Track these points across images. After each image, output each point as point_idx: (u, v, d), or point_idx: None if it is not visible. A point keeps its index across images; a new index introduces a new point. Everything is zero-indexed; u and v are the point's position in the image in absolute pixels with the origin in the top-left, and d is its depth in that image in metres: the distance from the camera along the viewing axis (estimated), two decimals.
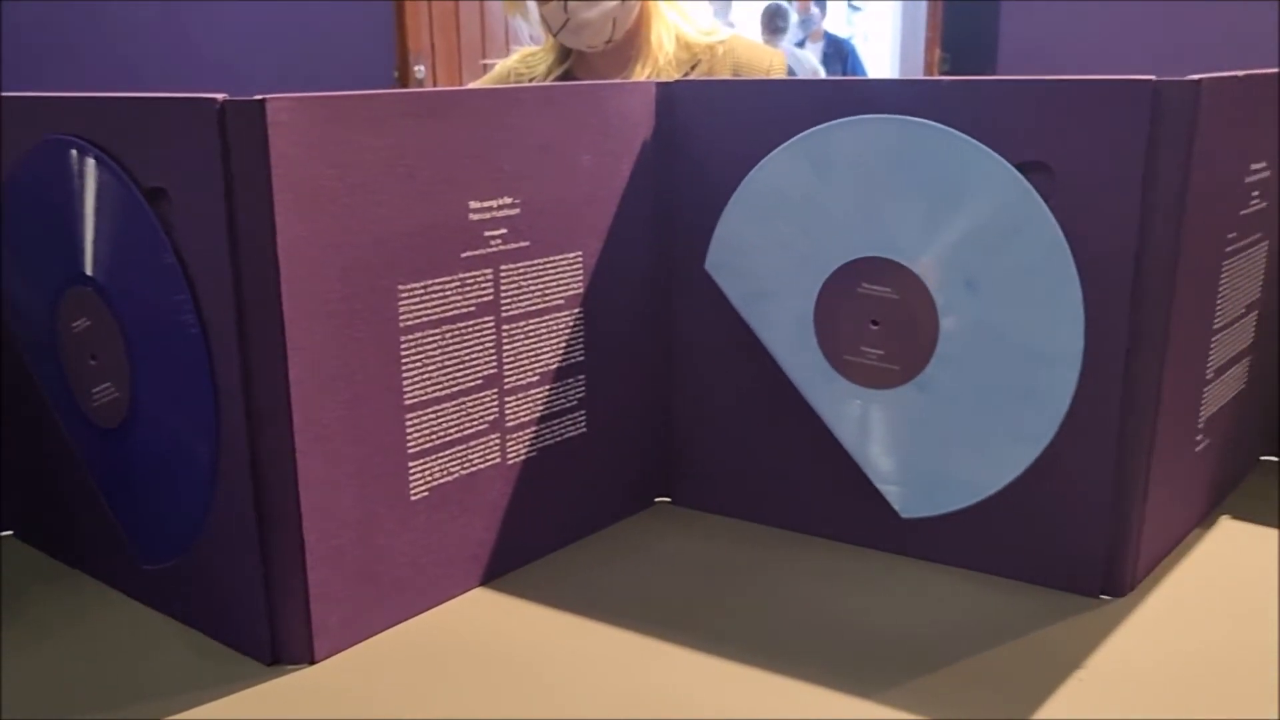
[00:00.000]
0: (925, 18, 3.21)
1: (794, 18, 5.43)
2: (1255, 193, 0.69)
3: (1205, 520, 0.75)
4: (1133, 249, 0.60)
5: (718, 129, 0.71)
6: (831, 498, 0.72)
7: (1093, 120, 0.59)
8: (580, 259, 0.70)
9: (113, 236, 0.60)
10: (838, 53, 5.49)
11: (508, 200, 0.65)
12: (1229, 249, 0.67)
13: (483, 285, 0.64)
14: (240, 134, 0.53)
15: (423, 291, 0.61)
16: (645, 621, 0.63)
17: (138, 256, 0.59)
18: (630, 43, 1.33)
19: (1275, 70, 0.69)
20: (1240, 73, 0.64)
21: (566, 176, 0.68)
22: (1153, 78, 0.58)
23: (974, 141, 0.62)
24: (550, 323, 0.69)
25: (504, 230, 0.65)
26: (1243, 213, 0.68)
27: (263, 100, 0.52)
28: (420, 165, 0.59)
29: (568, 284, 0.69)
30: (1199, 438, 0.70)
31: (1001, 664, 0.58)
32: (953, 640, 0.61)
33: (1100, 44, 3.09)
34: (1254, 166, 0.68)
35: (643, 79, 1.30)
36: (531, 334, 0.68)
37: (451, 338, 0.63)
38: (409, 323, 0.61)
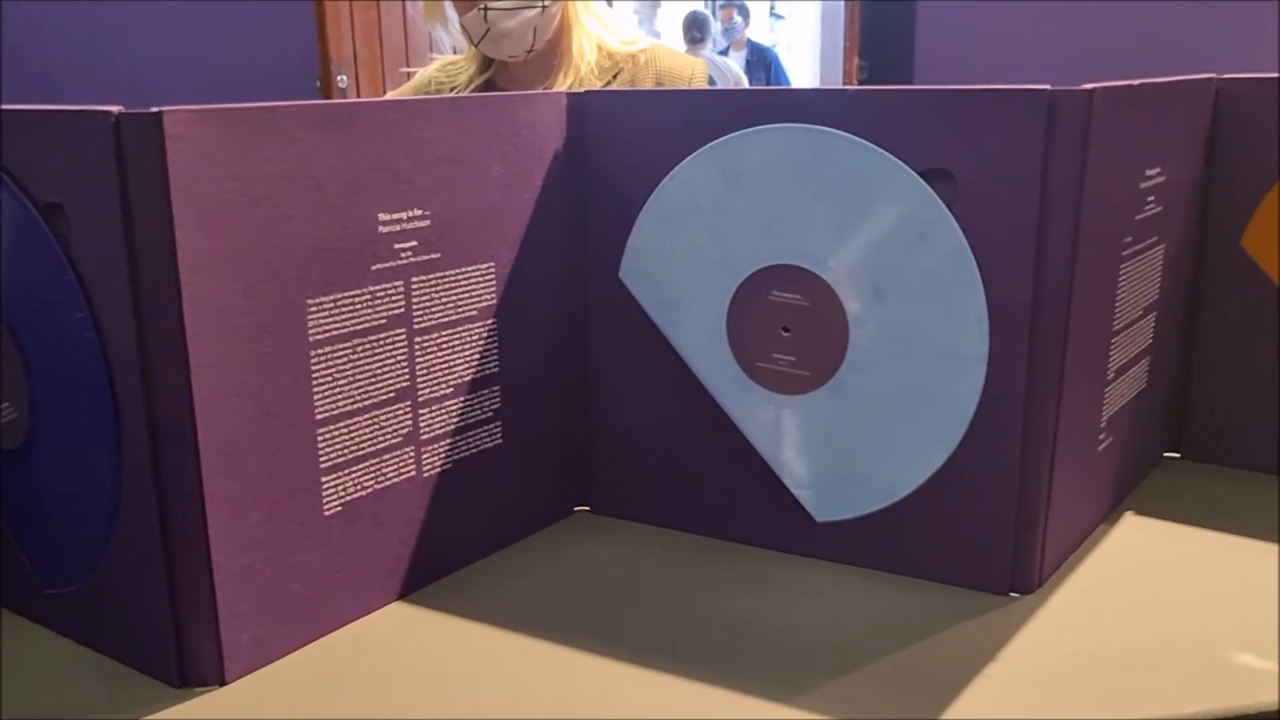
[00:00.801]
0: (844, 27, 3.26)
1: (716, 26, 5.47)
2: (1150, 198, 0.71)
3: (1110, 516, 0.77)
4: (1032, 253, 0.61)
5: (629, 139, 0.71)
6: (748, 503, 0.73)
7: (991, 128, 0.61)
8: (493, 270, 0.69)
9: (8, 254, 0.59)
10: (761, 60, 5.54)
11: (418, 212, 0.64)
12: (1126, 253, 0.69)
13: (394, 298, 0.64)
14: (137, 147, 0.52)
15: (332, 305, 0.60)
16: (564, 632, 0.63)
17: (34, 274, 0.58)
18: (552, 52, 1.33)
19: (1168, 79, 0.71)
20: (1134, 81, 0.66)
21: (477, 188, 0.67)
22: (1047, 87, 0.59)
23: (879, 150, 0.63)
24: (463, 334, 0.68)
25: (414, 242, 0.64)
26: (1138, 217, 0.70)
27: (159, 113, 0.51)
28: (327, 178, 0.59)
29: (480, 295, 0.69)
30: (1102, 436, 0.72)
31: (914, 663, 0.59)
32: (866, 641, 0.61)
33: (1014, 50, 3.16)
34: (1149, 172, 0.70)
35: (565, 88, 1.31)
36: (445, 346, 0.67)
37: (363, 351, 0.63)
38: (318, 337, 0.60)
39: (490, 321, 0.70)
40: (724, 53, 5.49)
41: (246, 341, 0.56)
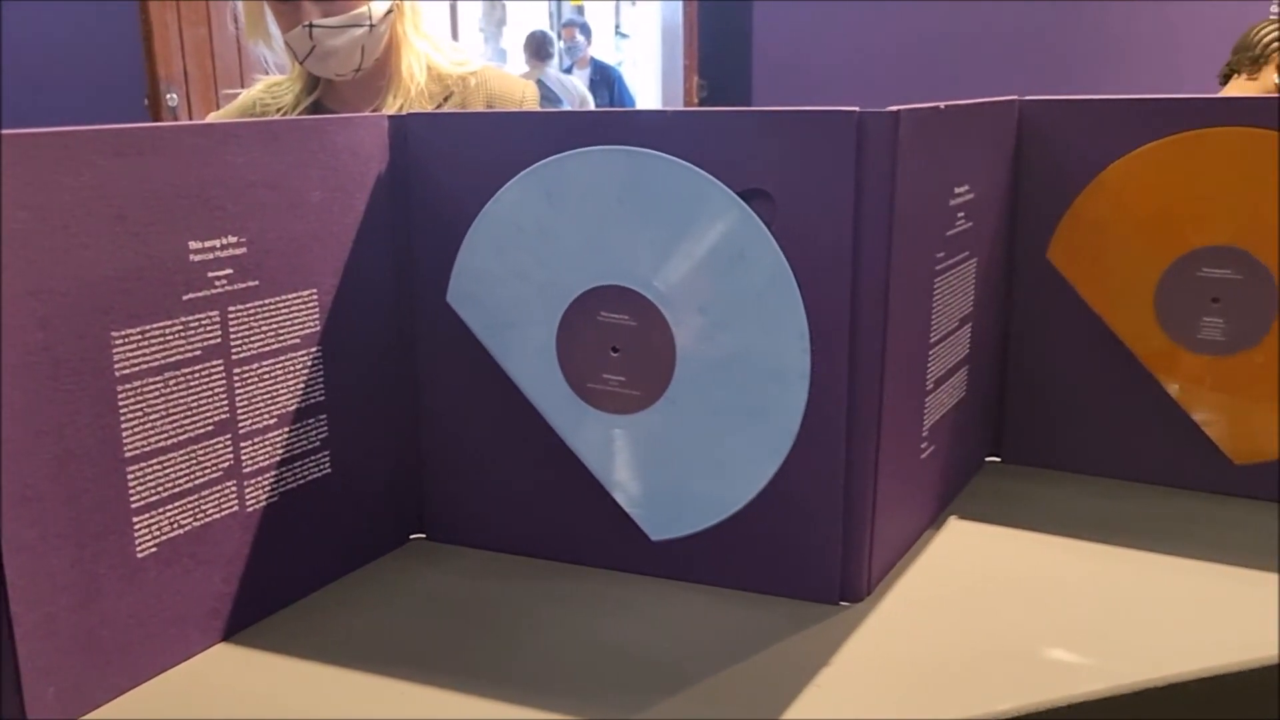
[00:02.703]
0: (682, 46, 3.31)
1: (560, 45, 5.50)
2: (961, 214, 0.74)
3: (935, 521, 0.80)
4: (849, 270, 0.63)
5: (453, 162, 0.71)
6: (584, 524, 0.73)
7: (805, 149, 0.62)
8: (315, 297, 0.68)
9: None
10: (605, 79, 5.58)
11: (232, 239, 0.62)
12: (939, 267, 0.72)
13: (209, 328, 0.61)
14: None
15: (140, 337, 0.58)
16: (397, 665, 0.62)
17: None
18: (381, 72, 1.31)
19: (972, 101, 0.74)
20: (941, 104, 0.69)
21: (295, 213, 0.66)
22: (856, 109, 0.61)
23: (698, 170, 0.64)
24: (286, 363, 0.66)
25: (230, 270, 0.62)
26: (949, 233, 0.73)
27: None
28: (130, 205, 0.57)
29: (303, 323, 0.67)
30: (924, 445, 0.75)
31: (746, 676, 0.60)
32: (700, 657, 0.62)
33: (850, 64, 3.27)
34: (958, 190, 0.73)
35: (394, 110, 1.29)
36: (266, 376, 0.65)
37: (176, 384, 0.60)
38: (126, 371, 0.57)
39: (314, 349, 0.68)
40: (568, 71, 5.51)
41: (44, 378, 0.53)
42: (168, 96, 3.68)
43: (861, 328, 0.64)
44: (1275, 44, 2.57)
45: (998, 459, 0.92)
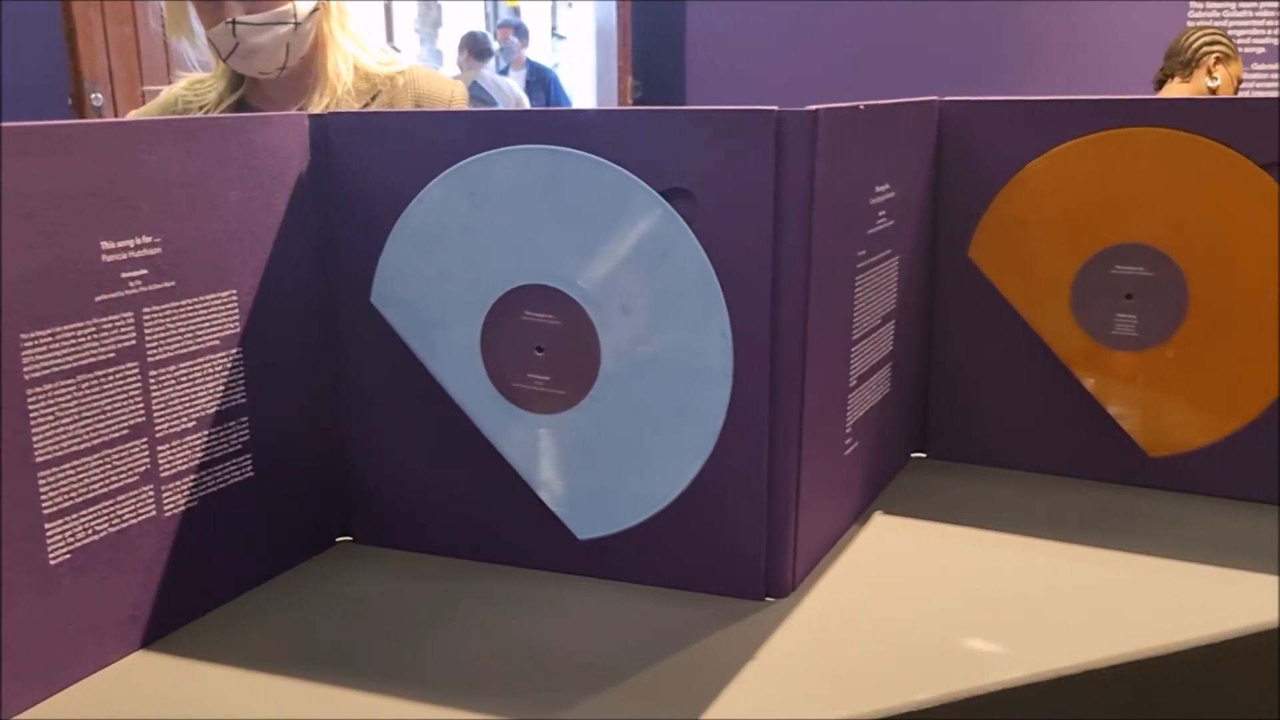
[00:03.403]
0: (616, 47, 3.32)
1: (495, 45, 5.47)
2: (882, 213, 0.75)
3: (861, 517, 0.80)
4: (769, 268, 0.63)
5: (376, 161, 0.70)
6: (512, 524, 0.72)
7: (726, 148, 0.63)
8: (235, 298, 0.67)
9: None
10: (540, 81, 5.57)
11: (147, 239, 0.61)
12: (860, 265, 0.73)
13: (123, 330, 0.60)
14: None
15: (50, 339, 0.57)
16: (320, 669, 0.61)
17: None
18: (307, 71, 1.30)
19: (892, 101, 0.75)
20: (861, 104, 0.70)
21: (213, 213, 0.65)
22: (775, 108, 0.62)
23: (621, 170, 0.64)
24: (205, 365, 0.66)
25: (145, 271, 0.61)
26: (870, 231, 0.74)
27: None
28: (39, 205, 0.55)
29: (222, 324, 0.66)
30: (848, 441, 0.76)
31: (671, 673, 0.60)
32: (626, 655, 0.62)
33: (779, 70, 3.29)
34: (878, 189, 0.74)
35: (321, 109, 1.28)
36: (184, 378, 0.64)
37: (89, 387, 0.59)
38: (36, 374, 0.56)
39: (235, 351, 0.67)
40: (504, 73, 5.49)
41: None
42: (92, 96, 3.60)
43: (783, 325, 0.64)
44: (1205, 48, 2.65)
45: (923, 455, 0.93)
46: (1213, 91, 2.62)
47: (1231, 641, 0.64)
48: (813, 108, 0.62)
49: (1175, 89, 2.65)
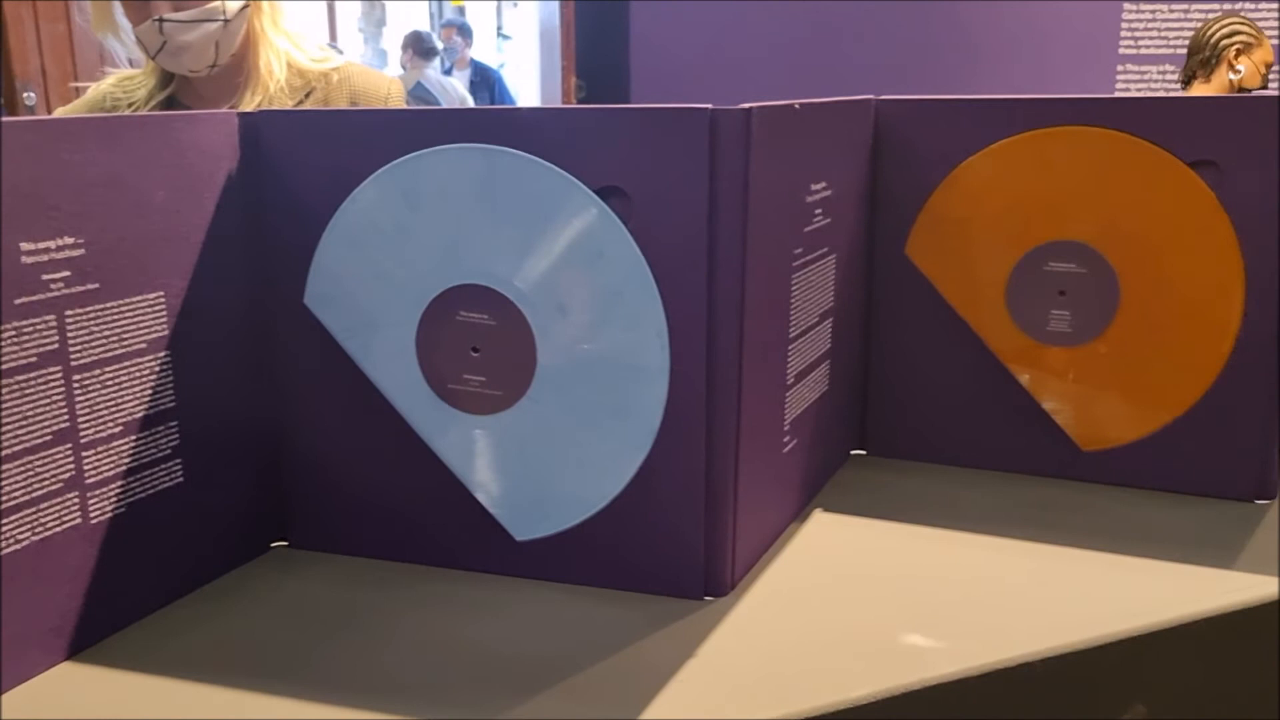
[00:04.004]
0: (560, 47, 3.31)
1: (439, 45, 5.44)
2: (818, 210, 0.76)
3: (800, 514, 0.81)
4: (704, 266, 0.63)
5: (308, 160, 0.69)
6: (450, 527, 0.72)
7: (660, 146, 0.62)
8: (162, 299, 0.66)
9: None
10: (485, 81, 5.54)
11: (69, 240, 0.60)
12: (797, 263, 0.73)
13: (44, 333, 0.59)
14: None
15: None
16: (254, 676, 0.60)
17: None
18: (238, 68, 1.28)
19: (827, 100, 0.76)
20: (796, 102, 0.70)
21: (138, 213, 0.63)
22: (709, 106, 0.61)
23: (555, 168, 0.64)
24: (131, 369, 0.64)
25: (66, 272, 0.60)
26: (807, 229, 0.74)
27: None
28: None
29: (149, 326, 0.65)
30: (786, 439, 0.76)
31: (609, 674, 0.60)
32: (564, 656, 0.62)
33: (723, 69, 3.30)
34: (814, 187, 0.75)
35: (254, 107, 1.26)
36: (109, 383, 0.63)
37: (9, 392, 0.57)
38: None
39: (163, 354, 0.66)
40: (448, 73, 5.46)
41: None
42: (25, 95, 3.53)
43: (719, 323, 0.64)
44: (1224, 41, 2.51)
45: (863, 452, 0.93)
46: (1235, 84, 2.48)
47: (1163, 632, 0.65)
48: (746, 106, 0.62)
49: (1198, 90, 2.51)
